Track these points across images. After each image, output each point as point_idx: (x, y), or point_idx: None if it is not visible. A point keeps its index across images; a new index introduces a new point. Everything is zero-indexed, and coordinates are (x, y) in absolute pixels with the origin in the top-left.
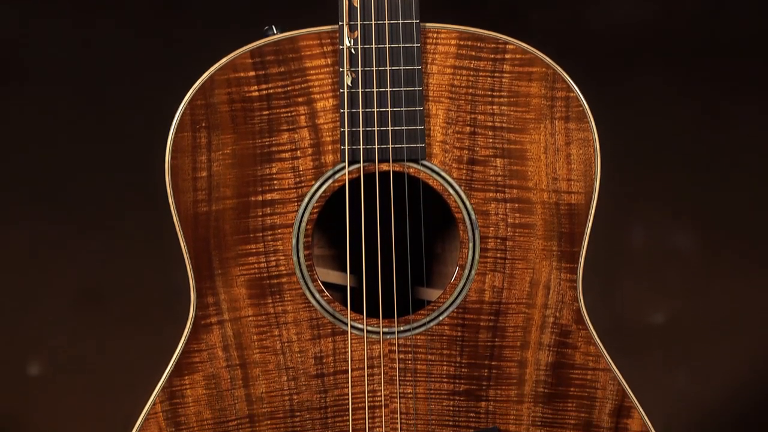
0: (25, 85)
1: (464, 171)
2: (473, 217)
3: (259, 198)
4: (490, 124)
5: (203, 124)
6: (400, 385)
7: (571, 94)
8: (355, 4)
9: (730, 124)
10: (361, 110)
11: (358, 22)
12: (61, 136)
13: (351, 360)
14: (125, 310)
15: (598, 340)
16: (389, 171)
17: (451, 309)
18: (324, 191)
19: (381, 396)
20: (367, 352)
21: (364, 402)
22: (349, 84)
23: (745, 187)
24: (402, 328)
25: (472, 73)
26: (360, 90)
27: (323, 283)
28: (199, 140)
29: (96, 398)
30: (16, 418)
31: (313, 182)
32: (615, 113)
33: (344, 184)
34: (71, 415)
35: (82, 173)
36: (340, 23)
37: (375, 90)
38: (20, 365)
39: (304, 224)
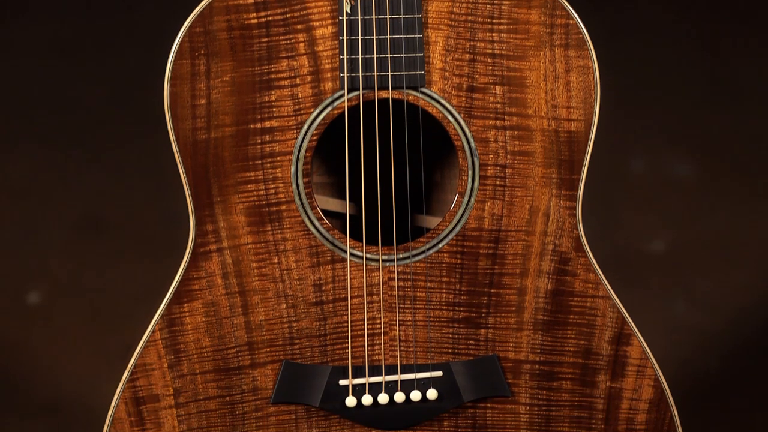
0: (25, 15)
1: (463, 98)
2: (473, 144)
3: (258, 125)
4: (489, 51)
5: (202, 52)
6: (399, 312)
7: (571, 22)
8: None
9: (730, 52)
10: (360, 37)
11: None
12: (61, 66)
13: (350, 287)
14: (125, 239)
15: (598, 268)
16: (388, 98)
17: (450, 236)
18: (323, 119)
19: (380, 323)
20: (366, 280)
21: (364, 329)
22: (348, 11)
23: (744, 116)
24: (401, 256)
25: (471, 0)
26: (359, 17)
27: (322, 210)
28: (198, 68)
29: (95, 327)
30: (15, 347)
31: (312, 110)
32: (615, 41)
33: (343, 112)
34: (71, 344)
35: (82, 102)
36: None
37: (374, 17)
38: (20, 294)
39: (303, 152)
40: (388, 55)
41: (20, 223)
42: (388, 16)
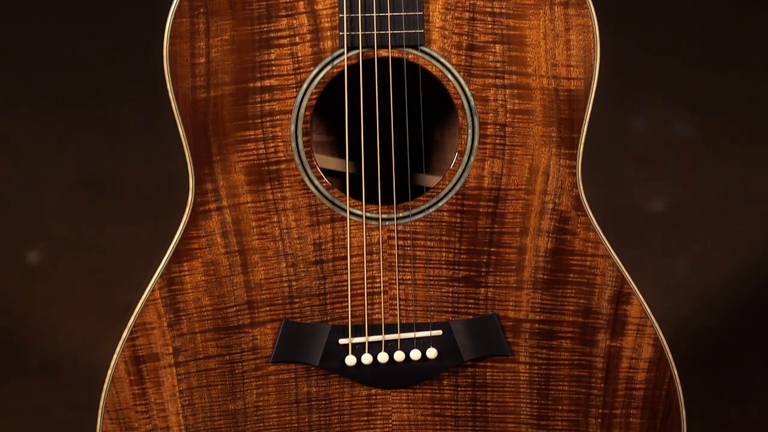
0: None
1: (463, 57)
2: (472, 103)
3: (258, 84)
4: (489, 9)
5: (201, 10)
6: (399, 271)
7: None
8: None
9: (731, 11)
10: None
11: None
12: (60, 25)
13: (350, 246)
14: (124, 198)
15: (598, 227)
16: (388, 57)
17: (450, 195)
18: (323, 77)
19: (380, 282)
20: (366, 239)
21: (363, 288)
22: None
23: (745, 75)
24: (401, 215)
25: None
26: None
27: (322, 169)
28: (197, 26)
29: (95, 286)
30: (15, 306)
31: (311, 68)
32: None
33: (343, 70)
34: (70, 303)
35: (81, 62)
36: None
37: None
38: (19, 253)
39: (302, 110)
40: (388, 14)
41: (20, 183)
42: None
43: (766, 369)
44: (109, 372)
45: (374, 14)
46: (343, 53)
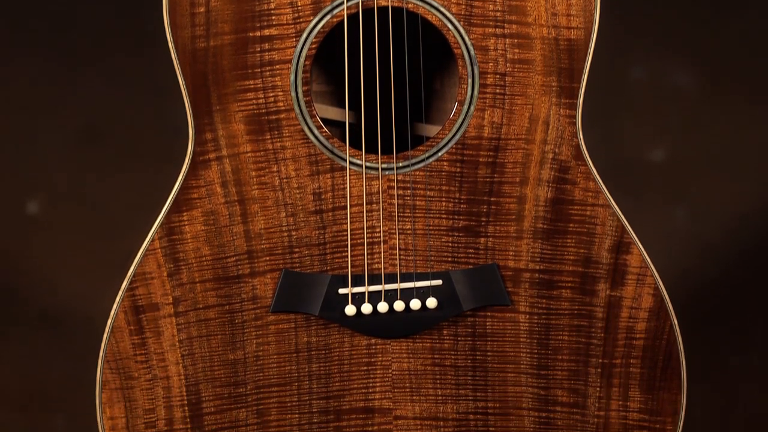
0: None
1: (463, 6)
2: (472, 52)
3: (257, 33)
4: None
5: None
6: (399, 221)
7: None
8: None
9: None
10: None
11: None
12: None
13: (349, 196)
14: (124, 148)
15: (597, 176)
16: (388, 6)
17: (450, 145)
18: (322, 27)
19: (380, 232)
20: (365, 188)
21: (363, 238)
22: None
23: (745, 24)
24: (401, 164)
25: None
26: None
27: (322, 119)
28: None
29: (95, 236)
30: (15, 256)
31: (311, 18)
32: None
33: (343, 20)
34: (70, 253)
35: (81, 13)
36: None
37: None
38: (19, 204)
39: (302, 60)
40: None
41: (20, 134)
42: None
43: (766, 319)
44: (109, 322)
45: None
46: (342, 2)
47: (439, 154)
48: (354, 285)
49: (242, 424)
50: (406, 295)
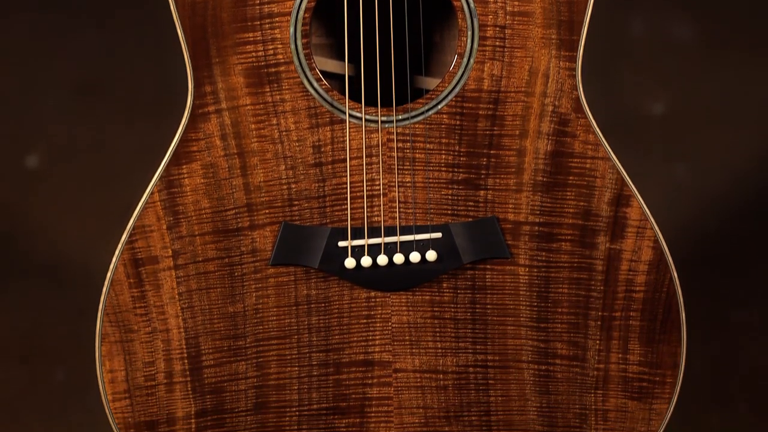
0: None
1: None
2: (472, 5)
3: None
4: None
5: None
6: (398, 174)
7: None
8: None
9: None
10: None
11: None
12: None
13: (349, 148)
14: (123, 101)
15: (597, 129)
16: None
17: (449, 97)
18: None
19: (379, 185)
20: (365, 141)
21: (363, 191)
22: None
23: None
24: (400, 117)
25: None
26: None
27: (321, 72)
28: None
29: (94, 189)
30: (15, 210)
31: None
32: None
33: None
34: (69, 207)
35: None
36: None
37: None
38: (18, 157)
39: (301, 13)
40: None
41: (19, 87)
42: None
43: (766, 273)
44: (108, 275)
45: None
46: None
47: (439, 106)
48: (353, 238)
49: (242, 377)
50: (406, 248)
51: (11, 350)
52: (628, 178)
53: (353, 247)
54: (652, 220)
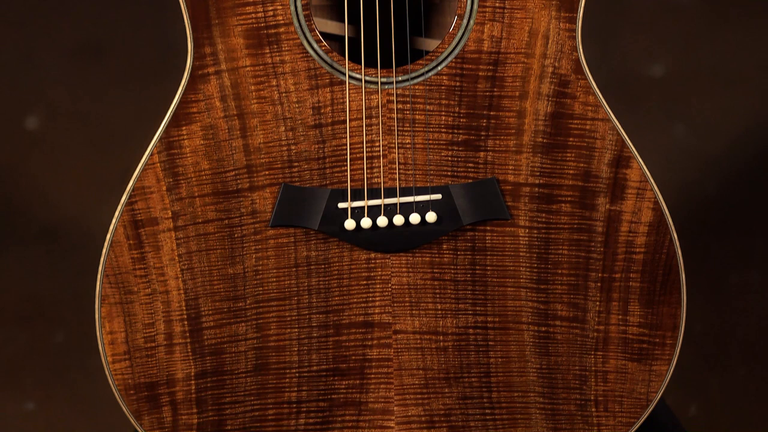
0: None
1: None
2: None
3: None
4: None
5: None
6: (398, 135)
7: None
8: None
9: None
10: None
11: None
12: None
13: (349, 110)
14: (123, 63)
15: (597, 90)
16: None
17: (449, 59)
18: None
19: (379, 146)
20: (365, 102)
21: (363, 152)
22: None
23: None
24: (400, 78)
25: None
26: None
27: (321, 33)
28: None
29: (93, 151)
30: (14, 172)
31: None
32: None
33: None
34: (69, 168)
35: None
36: None
37: None
38: (18, 119)
39: None
40: None
41: (18, 49)
42: None
43: (765, 234)
44: (108, 236)
45: None
46: None
47: (439, 68)
48: (353, 199)
49: (242, 339)
50: (406, 210)
51: (11, 312)
52: (628, 139)
53: (353, 209)
54: (652, 181)
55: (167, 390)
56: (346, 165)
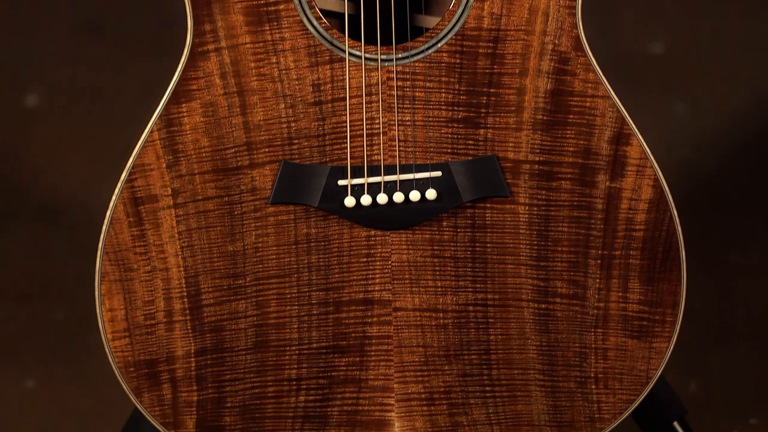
0: None
1: None
2: None
3: None
4: None
5: None
6: (398, 112)
7: None
8: None
9: None
10: None
11: None
12: None
13: (349, 87)
14: (122, 40)
15: (597, 68)
16: None
17: (449, 36)
18: None
19: (379, 123)
20: (365, 79)
21: (362, 129)
22: None
23: None
24: (400, 55)
25: None
26: None
27: (321, 10)
28: None
29: (93, 128)
30: (14, 150)
31: None
32: None
33: None
34: (69, 146)
35: None
36: None
37: None
38: (18, 97)
39: None
40: None
41: (18, 26)
42: None
43: (764, 212)
44: (108, 213)
45: None
46: None
47: (439, 45)
48: (353, 176)
49: (241, 316)
50: (406, 187)
51: (11, 290)
52: (628, 116)
53: (353, 186)
54: (652, 158)
55: (167, 367)
56: (346, 142)
